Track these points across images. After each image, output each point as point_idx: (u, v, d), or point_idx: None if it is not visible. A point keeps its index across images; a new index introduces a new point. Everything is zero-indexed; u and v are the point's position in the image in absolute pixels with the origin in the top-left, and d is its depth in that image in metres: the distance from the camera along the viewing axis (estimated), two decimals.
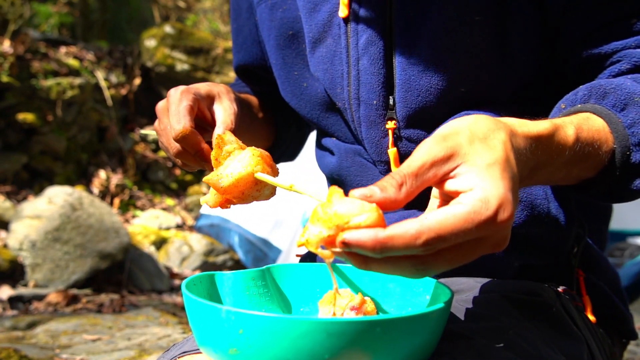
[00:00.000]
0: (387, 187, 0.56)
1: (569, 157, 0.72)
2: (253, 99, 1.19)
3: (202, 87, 0.94)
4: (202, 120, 0.93)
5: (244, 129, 1.00)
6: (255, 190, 0.72)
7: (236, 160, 0.73)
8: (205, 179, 0.73)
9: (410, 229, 0.53)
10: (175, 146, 0.90)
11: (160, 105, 0.95)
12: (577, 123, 0.75)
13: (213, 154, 0.78)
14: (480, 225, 0.54)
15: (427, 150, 0.58)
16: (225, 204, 0.74)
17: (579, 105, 0.81)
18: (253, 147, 0.77)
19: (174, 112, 0.87)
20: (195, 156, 0.87)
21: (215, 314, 0.55)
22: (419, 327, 0.58)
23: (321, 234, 0.55)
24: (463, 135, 0.60)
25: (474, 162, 0.57)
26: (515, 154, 0.61)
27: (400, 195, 0.56)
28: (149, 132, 1.12)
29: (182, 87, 0.92)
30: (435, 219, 0.53)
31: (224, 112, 0.91)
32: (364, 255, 0.54)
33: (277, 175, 0.76)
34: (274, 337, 0.53)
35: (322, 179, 1.16)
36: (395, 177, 0.57)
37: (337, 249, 0.54)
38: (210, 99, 0.93)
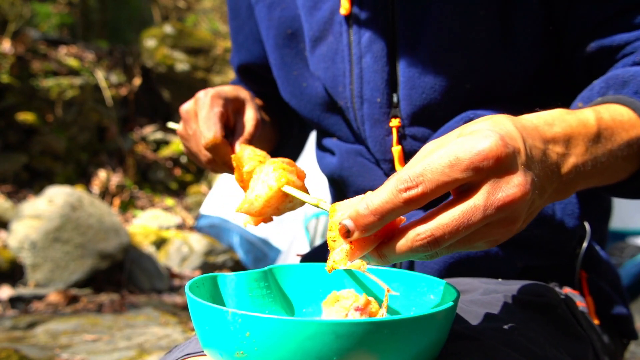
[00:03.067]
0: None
1: (595, 134, 0.68)
2: (259, 102, 1.18)
3: (229, 92, 0.94)
4: (227, 126, 0.93)
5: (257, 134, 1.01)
6: (288, 202, 0.72)
7: (260, 181, 0.72)
8: (236, 210, 0.74)
9: (391, 177, 0.54)
10: (205, 154, 0.90)
11: (187, 108, 0.93)
12: (594, 108, 0.73)
13: (236, 176, 0.78)
14: (469, 166, 0.52)
15: (418, 153, 0.59)
16: (266, 220, 0.74)
17: (599, 99, 0.79)
18: (272, 159, 0.76)
19: (204, 118, 0.87)
20: (224, 166, 0.88)
21: (221, 316, 0.55)
22: (427, 327, 0.57)
23: (343, 249, 0.56)
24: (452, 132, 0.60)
25: (459, 132, 0.57)
26: (516, 124, 0.59)
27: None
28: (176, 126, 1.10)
29: (211, 91, 0.91)
30: (419, 166, 0.54)
31: (245, 123, 0.93)
32: (379, 247, 0.55)
33: (304, 178, 0.75)
34: (282, 340, 0.53)
35: (323, 180, 1.15)
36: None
37: (360, 253, 0.56)
38: (236, 104, 0.94)
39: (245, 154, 0.80)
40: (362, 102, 0.92)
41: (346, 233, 0.54)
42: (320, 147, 1.10)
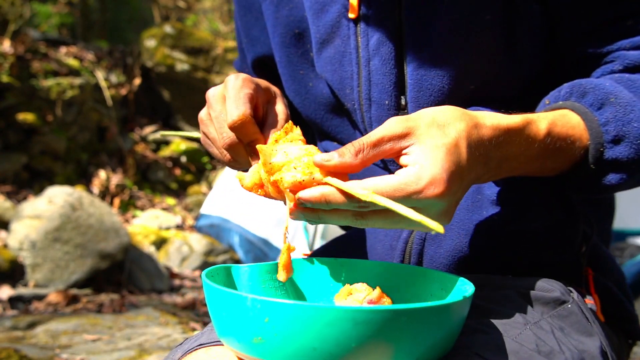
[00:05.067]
0: (345, 152, 0.65)
1: (539, 149, 0.76)
2: None
3: (261, 81, 0.91)
4: (256, 115, 0.88)
5: None
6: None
7: (298, 148, 0.68)
8: (258, 146, 0.69)
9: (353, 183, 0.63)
10: (227, 135, 0.84)
11: (214, 92, 0.89)
12: (552, 118, 0.79)
13: (274, 136, 0.72)
14: (408, 196, 0.63)
15: (388, 126, 0.66)
16: (258, 188, 0.69)
17: (561, 102, 0.84)
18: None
19: (233, 98, 0.83)
20: (248, 147, 0.83)
21: (240, 302, 0.55)
22: (444, 317, 0.57)
23: (295, 178, 0.65)
24: (424, 120, 0.67)
25: (424, 142, 0.65)
26: (470, 143, 0.68)
27: (356, 161, 0.65)
28: (170, 133, 1.08)
29: (242, 75, 0.88)
30: (370, 182, 0.63)
31: (277, 115, 0.88)
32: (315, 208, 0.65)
33: None
34: (300, 326, 0.53)
35: None
36: (355, 145, 0.66)
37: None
38: (268, 96, 0.90)
39: (298, 131, 0.75)
40: (370, 104, 0.93)
41: (299, 203, 0.65)
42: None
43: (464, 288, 0.67)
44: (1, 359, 2.35)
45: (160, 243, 4.47)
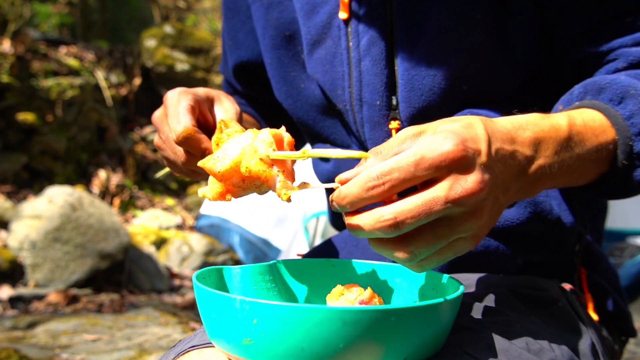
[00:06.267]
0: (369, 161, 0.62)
1: (567, 141, 0.73)
2: (249, 118, 1.15)
3: (199, 89, 0.89)
4: (205, 125, 0.86)
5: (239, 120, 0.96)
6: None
7: (235, 142, 0.65)
8: (199, 163, 0.65)
9: (363, 170, 0.61)
10: (182, 154, 0.82)
11: (158, 114, 0.87)
12: (569, 113, 0.77)
13: (214, 139, 0.69)
14: (419, 161, 0.58)
15: (403, 130, 0.64)
16: (225, 194, 0.66)
17: (577, 103, 0.82)
18: (255, 129, 0.68)
19: (172, 114, 0.81)
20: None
21: (229, 304, 0.55)
22: (433, 316, 0.58)
23: (280, 181, 0.62)
24: (437, 121, 0.65)
25: (436, 126, 0.62)
26: (487, 125, 0.64)
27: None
28: (163, 172, 1.07)
29: (178, 89, 0.85)
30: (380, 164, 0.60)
31: (225, 112, 0.87)
32: (351, 218, 0.61)
33: (292, 144, 0.68)
34: (289, 326, 0.53)
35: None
36: (375, 150, 0.63)
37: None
38: (210, 101, 0.88)
39: (236, 125, 0.72)
40: (361, 105, 0.93)
41: (332, 203, 0.62)
42: None
43: (455, 287, 0.67)
44: (1, 359, 2.35)
45: (160, 243, 4.47)
